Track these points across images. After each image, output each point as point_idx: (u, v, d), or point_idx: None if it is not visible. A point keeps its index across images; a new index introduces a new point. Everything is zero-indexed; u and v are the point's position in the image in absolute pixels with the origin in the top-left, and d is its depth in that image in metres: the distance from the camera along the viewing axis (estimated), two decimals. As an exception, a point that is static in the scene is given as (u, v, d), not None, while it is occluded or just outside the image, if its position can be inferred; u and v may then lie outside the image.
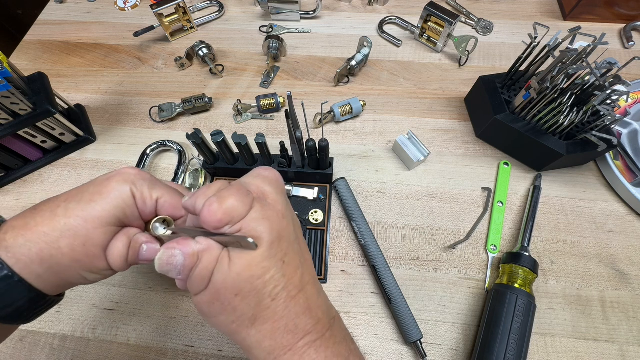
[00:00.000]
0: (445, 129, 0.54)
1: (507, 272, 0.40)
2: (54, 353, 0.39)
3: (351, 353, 0.23)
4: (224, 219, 0.20)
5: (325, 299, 0.25)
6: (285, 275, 0.21)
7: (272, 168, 0.26)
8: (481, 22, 0.64)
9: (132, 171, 0.25)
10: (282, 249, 0.22)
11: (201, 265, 0.21)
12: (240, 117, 0.55)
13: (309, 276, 0.24)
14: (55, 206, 0.23)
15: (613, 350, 0.39)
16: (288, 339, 0.21)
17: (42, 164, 0.51)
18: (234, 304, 0.21)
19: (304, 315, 0.22)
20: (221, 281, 0.21)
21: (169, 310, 0.41)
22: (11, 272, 0.21)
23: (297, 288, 0.22)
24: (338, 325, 0.24)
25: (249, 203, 0.21)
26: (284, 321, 0.21)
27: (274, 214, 0.22)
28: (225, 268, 0.21)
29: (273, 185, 0.24)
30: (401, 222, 0.46)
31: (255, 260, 0.21)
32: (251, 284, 0.21)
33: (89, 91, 0.58)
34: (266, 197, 0.23)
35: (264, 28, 0.65)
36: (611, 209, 0.47)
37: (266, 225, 0.21)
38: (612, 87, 0.40)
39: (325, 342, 0.22)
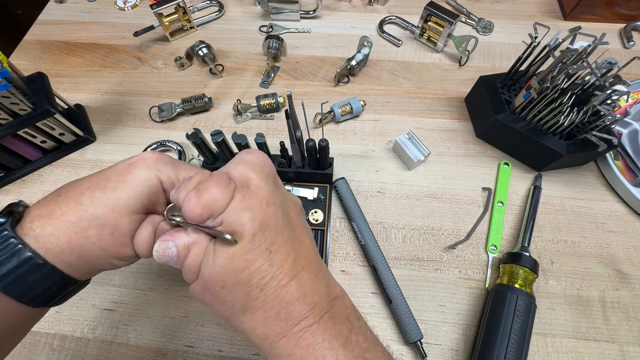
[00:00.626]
0: (446, 129, 0.54)
1: (508, 272, 0.40)
2: (53, 353, 0.39)
3: (352, 331, 0.23)
4: (204, 214, 0.20)
5: (326, 280, 0.24)
6: (274, 264, 0.21)
7: (258, 150, 0.24)
8: (481, 22, 0.64)
9: (153, 155, 0.24)
10: (267, 239, 0.21)
11: (190, 258, 0.22)
12: (240, 117, 0.55)
13: (304, 261, 0.23)
14: (79, 194, 0.22)
15: (613, 351, 0.39)
16: (281, 325, 0.21)
17: (41, 164, 0.51)
18: (222, 295, 0.21)
19: (297, 302, 0.21)
20: (207, 274, 0.21)
21: (169, 310, 0.41)
22: (43, 261, 0.21)
23: (288, 276, 0.21)
24: (340, 305, 0.24)
25: (229, 194, 0.21)
26: (275, 309, 0.21)
27: (256, 203, 0.21)
28: (210, 261, 0.21)
29: (256, 169, 0.23)
30: (401, 222, 0.46)
31: (237, 254, 0.20)
32: (235, 277, 0.21)
33: (89, 91, 0.58)
34: (249, 184, 0.22)
35: (264, 28, 0.65)
36: (611, 209, 0.47)
37: (247, 215, 0.20)
38: (612, 87, 0.40)
39: (323, 324, 0.22)
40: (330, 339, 0.21)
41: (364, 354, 0.22)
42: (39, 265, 0.21)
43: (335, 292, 0.24)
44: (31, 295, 0.21)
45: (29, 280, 0.21)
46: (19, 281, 0.21)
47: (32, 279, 0.21)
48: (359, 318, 0.24)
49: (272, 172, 0.24)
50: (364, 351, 0.22)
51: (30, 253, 0.20)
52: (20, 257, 0.20)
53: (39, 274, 0.21)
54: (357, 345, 0.22)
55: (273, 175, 0.24)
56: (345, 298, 0.25)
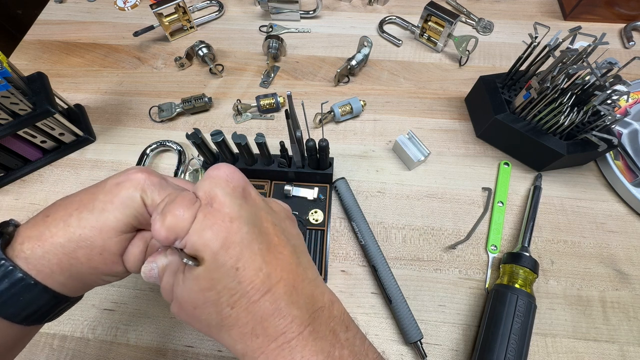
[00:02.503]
0: (446, 129, 0.54)
1: (508, 272, 0.40)
2: (53, 353, 0.39)
3: (337, 345, 0.22)
4: (169, 236, 0.20)
5: (309, 290, 0.23)
6: (242, 281, 0.20)
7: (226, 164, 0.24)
8: (481, 22, 0.64)
9: (141, 176, 0.24)
10: (232, 256, 0.20)
11: (164, 280, 0.23)
12: (240, 117, 0.55)
13: (281, 272, 0.22)
14: (68, 215, 0.23)
15: (613, 351, 0.39)
16: (258, 342, 0.20)
17: (41, 164, 0.51)
18: (196, 314, 0.21)
19: (272, 318, 0.20)
20: (179, 295, 0.22)
21: (169, 310, 0.41)
22: (34, 281, 0.21)
23: (260, 292, 0.20)
24: (325, 316, 0.22)
25: (192, 214, 0.20)
26: (249, 326, 0.20)
27: (218, 220, 0.20)
28: (180, 283, 0.21)
29: (220, 185, 0.22)
30: (401, 222, 0.46)
31: (202, 275, 0.20)
32: (204, 297, 0.21)
33: (89, 91, 0.58)
34: (213, 201, 0.21)
35: (263, 28, 0.65)
36: (611, 209, 0.47)
37: (208, 234, 0.20)
38: (612, 87, 0.40)
39: (303, 340, 0.21)
40: (309, 355, 0.20)
41: None
42: (31, 285, 0.21)
43: (321, 301, 0.23)
44: (24, 315, 0.22)
45: (22, 301, 0.21)
46: (12, 302, 0.21)
47: (25, 299, 0.21)
48: (348, 328, 0.23)
49: (240, 185, 0.23)
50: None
51: (21, 274, 0.21)
52: (12, 279, 0.21)
53: (31, 294, 0.21)
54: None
55: (241, 187, 0.23)
56: (334, 307, 0.24)
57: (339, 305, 0.24)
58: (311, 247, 0.45)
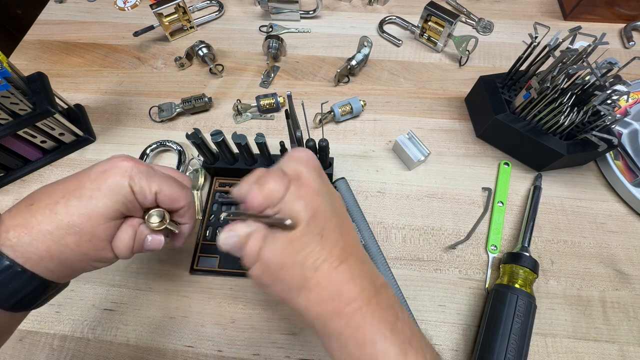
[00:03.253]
0: (446, 129, 0.54)
1: (508, 272, 0.40)
2: (53, 353, 0.39)
3: (398, 319, 0.24)
4: (265, 203, 0.23)
5: (371, 268, 0.25)
6: (325, 248, 0.23)
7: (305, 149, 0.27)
8: (481, 22, 0.64)
9: (128, 163, 0.25)
10: (319, 224, 0.23)
11: (250, 244, 0.24)
12: (240, 117, 0.55)
13: (351, 247, 0.24)
14: (54, 202, 0.23)
15: (613, 351, 0.39)
16: (334, 305, 0.22)
17: (41, 164, 0.51)
18: (281, 275, 0.23)
19: (347, 284, 0.23)
20: (267, 256, 0.23)
21: (169, 310, 0.41)
22: (22, 269, 0.22)
23: (338, 259, 0.23)
24: (385, 293, 0.25)
25: (285, 185, 0.23)
26: (328, 290, 0.22)
27: (307, 192, 0.23)
28: (270, 245, 0.23)
29: (305, 164, 0.25)
30: (401, 222, 0.46)
31: (295, 237, 0.22)
32: (293, 258, 0.23)
33: (89, 91, 0.58)
34: (300, 177, 0.24)
35: (263, 28, 0.65)
36: (611, 209, 0.47)
37: (301, 204, 0.23)
38: (612, 87, 0.40)
39: (372, 308, 0.23)
40: (378, 322, 0.22)
41: (409, 341, 0.23)
42: (19, 272, 0.22)
43: (379, 281, 0.25)
44: (13, 302, 0.22)
45: (10, 288, 0.22)
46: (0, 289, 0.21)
47: (13, 286, 0.22)
48: (402, 309, 0.25)
49: (318, 166, 0.26)
50: (409, 338, 0.23)
51: (8, 262, 0.21)
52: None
53: (19, 282, 0.22)
54: (402, 332, 0.23)
55: (319, 169, 0.26)
56: (389, 289, 0.26)
57: (391, 289, 0.27)
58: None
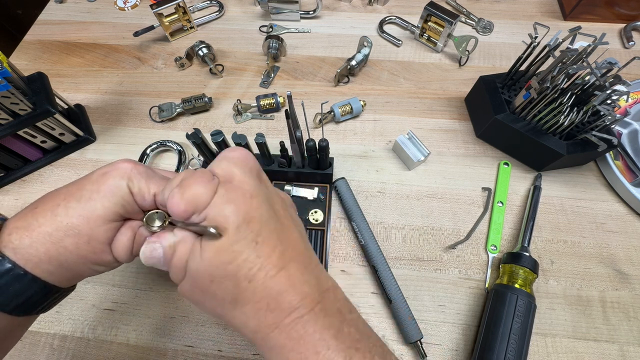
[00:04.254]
0: (446, 129, 0.54)
1: (507, 272, 0.40)
2: (53, 353, 0.39)
3: (344, 323, 0.22)
4: (188, 209, 0.21)
5: (316, 273, 0.24)
6: (261, 255, 0.21)
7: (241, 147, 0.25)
8: (481, 22, 0.64)
9: (127, 165, 0.24)
10: (252, 230, 0.21)
11: (176, 256, 0.22)
12: (240, 117, 0.55)
13: (292, 252, 0.23)
14: (55, 205, 0.23)
15: (613, 351, 0.39)
16: (272, 317, 0.21)
17: (42, 164, 0.51)
18: (212, 290, 0.21)
19: (286, 293, 0.21)
20: (195, 269, 0.21)
21: (169, 310, 0.41)
22: (23, 271, 0.21)
23: (276, 267, 0.21)
24: (332, 297, 0.23)
25: (212, 189, 0.21)
26: (265, 301, 0.21)
27: (239, 196, 0.22)
28: (197, 257, 0.21)
29: (239, 165, 0.23)
30: (401, 222, 0.46)
31: (224, 246, 0.21)
32: (224, 269, 0.21)
33: (89, 91, 0.58)
34: (232, 179, 0.22)
35: (264, 28, 0.65)
36: (611, 209, 0.47)
37: (230, 208, 0.21)
38: (612, 87, 0.40)
39: (314, 315, 0.21)
40: (322, 330, 0.21)
41: (355, 345, 0.22)
42: (20, 275, 0.21)
43: (326, 284, 0.24)
44: (14, 305, 0.22)
45: (11, 291, 0.21)
46: (1, 292, 0.21)
47: (14, 289, 0.21)
48: (351, 310, 0.24)
49: (256, 167, 0.24)
50: (356, 342, 0.22)
51: (10, 264, 0.21)
52: (0, 269, 0.21)
53: (20, 284, 0.22)
54: (348, 336, 0.22)
55: (257, 169, 0.24)
56: (338, 291, 0.25)
57: (341, 291, 0.25)
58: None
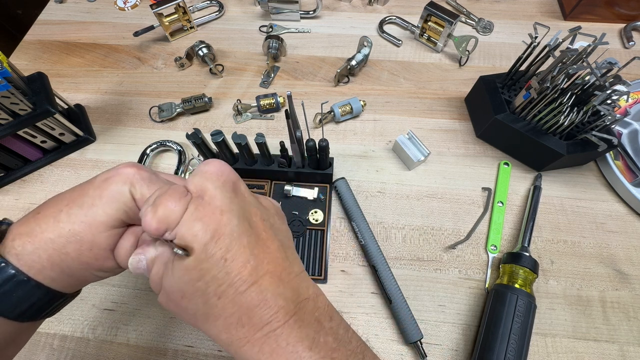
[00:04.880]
0: (446, 129, 0.54)
1: (508, 272, 0.40)
2: (53, 353, 0.39)
3: (321, 332, 0.22)
4: (160, 227, 0.21)
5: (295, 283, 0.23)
6: (230, 272, 0.21)
7: (216, 160, 0.24)
8: (481, 22, 0.64)
9: (130, 170, 0.24)
10: (222, 247, 0.21)
11: (153, 271, 0.23)
12: (240, 117, 0.55)
13: (268, 265, 0.22)
14: (58, 211, 0.23)
15: (613, 351, 0.39)
16: (244, 332, 0.21)
17: (41, 164, 0.51)
18: (183, 304, 0.22)
19: (257, 308, 0.21)
20: (168, 285, 0.22)
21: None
22: (27, 278, 0.21)
23: (246, 283, 0.21)
24: (310, 306, 0.23)
25: (183, 206, 0.21)
26: (235, 316, 0.21)
27: (208, 213, 0.21)
28: (169, 273, 0.22)
29: (212, 179, 0.23)
30: (401, 222, 0.46)
31: (191, 265, 0.21)
32: (192, 286, 0.21)
33: (89, 91, 0.58)
34: (204, 194, 0.22)
35: (264, 28, 0.65)
36: (611, 209, 0.47)
37: (198, 226, 0.21)
38: (612, 87, 0.40)
39: (288, 328, 0.21)
40: (295, 342, 0.21)
41: (331, 354, 0.22)
42: (23, 281, 0.21)
43: (306, 294, 0.23)
44: (18, 312, 0.22)
45: (15, 297, 0.21)
46: (4, 298, 0.21)
47: (17, 295, 0.21)
48: (332, 317, 0.24)
49: (230, 180, 0.24)
50: (332, 351, 0.22)
51: (13, 271, 0.21)
52: (4, 275, 0.21)
53: (24, 291, 0.22)
54: (324, 346, 0.22)
55: (231, 182, 0.24)
56: (319, 299, 0.24)
57: (323, 298, 0.25)
58: (311, 247, 0.45)
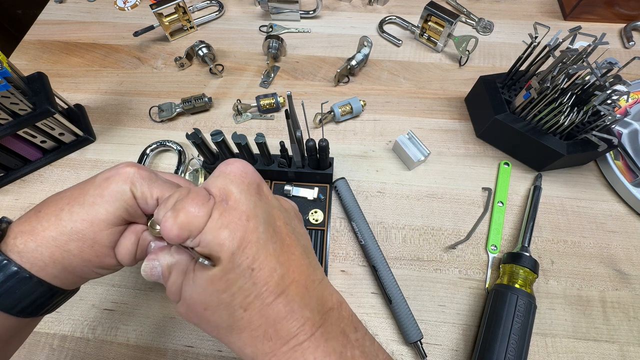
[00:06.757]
0: (446, 129, 0.53)
1: (508, 272, 0.40)
2: (53, 353, 0.39)
3: (348, 346, 0.21)
4: (182, 234, 0.19)
5: (320, 292, 0.22)
6: (257, 282, 0.20)
7: (238, 160, 0.23)
8: (481, 22, 0.64)
9: (130, 169, 0.24)
10: (248, 256, 0.20)
11: (171, 280, 0.22)
12: (240, 117, 0.55)
13: (293, 274, 0.21)
14: (59, 209, 0.23)
15: (613, 351, 0.39)
16: (270, 345, 0.20)
17: (41, 164, 0.51)
18: (205, 316, 0.21)
19: (284, 320, 0.20)
20: (189, 296, 0.21)
21: (169, 310, 0.41)
22: (29, 275, 0.22)
23: (274, 293, 0.20)
24: (336, 317, 0.22)
25: (206, 212, 0.20)
26: (262, 329, 0.20)
27: (234, 219, 0.20)
28: (190, 283, 0.21)
29: (236, 181, 0.21)
30: (401, 222, 0.46)
31: (217, 275, 0.20)
32: (217, 298, 0.20)
33: (89, 91, 0.58)
34: (228, 198, 0.21)
35: (263, 28, 0.65)
36: (612, 209, 0.47)
37: (225, 233, 0.19)
38: (612, 87, 0.40)
39: (315, 342, 0.20)
40: (322, 357, 0.20)
41: None
42: (25, 278, 0.22)
43: (330, 302, 0.23)
44: (20, 308, 0.22)
45: (17, 293, 0.22)
46: (7, 295, 0.21)
47: (20, 292, 0.22)
48: (357, 329, 0.23)
49: (255, 181, 0.23)
50: None
51: (15, 268, 0.21)
52: (6, 272, 0.21)
53: (26, 287, 0.22)
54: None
55: (256, 184, 0.23)
56: (343, 307, 0.23)
57: (346, 306, 0.24)
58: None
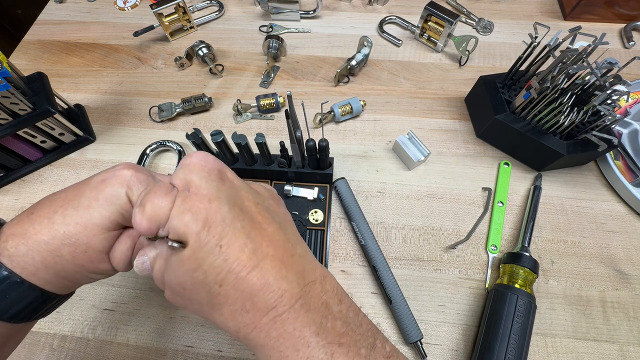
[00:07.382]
0: (446, 129, 0.54)
1: (508, 272, 0.40)
2: (53, 353, 0.39)
3: (329, 317, 0.22)
4: (152, 226, 0.21)
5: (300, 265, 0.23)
6: (228, 259, 0.20)
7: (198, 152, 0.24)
8: (481, 22, 0.64)
9: (127, 172, 0.24)
10: (215, 234, 0.21)
11: (156, 268, 0.23)
12: (240, 117, 0.55)
13: (267, 248, 0.22)
14: (52, 212, 0.22)
15: (613, 351, 0.39)
16: (249, 317, 0.21)
17: (41, 164, 0.51)
18: (187, 296, 0.22)
19: (261, 292, 0.21)
20: (168, 279, 0.22)
21: (169, 310, 0.41)
22: (20, 279, 0.21)
23: (247, 267, 0.21)
24: (317, 289, 0.22)
25: (170, 201, 0.21)
26: (239, 302, 0.21)
27: (196, 202, 0.21)
28: (169, 269, 0.22)
29: (195, 170, 0.23)
30: (401, 222, 0.46)
31: (187, 255, 0.21)
32: (191, 277, 0.21)
33: (89, 91, 0.58)
34: (190, 186, 0.22)
35: (263, 28, 0.65)
36: (612, 209, 0.47)
37: (188, 217, 0.21)
38: (612, 87, 0.40)
39: (294, 313, 0.21)
40: (302, 327, 0.21)
41: (339, 339, 0.21)
42: (17, 283, 0.21)
43: (312, 276, 0.23)
44: (11, 313, 0.22)
45: (8, 299, 0.21)
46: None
47: (11, 297, 0.21)
48: (341, 300, 0.23)
49: (215, 168, 0.24)
50: (340, 336, 0.21)
51: (6, 272, 0.21)
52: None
53: (17, 292, 0.21)
54: (332, 330, 0.21)
55: (217, 170, 0.24)
56: (327, 281, 0.24)
57: (331, 280, 0.24)
58: (311, 247, 0.45)
